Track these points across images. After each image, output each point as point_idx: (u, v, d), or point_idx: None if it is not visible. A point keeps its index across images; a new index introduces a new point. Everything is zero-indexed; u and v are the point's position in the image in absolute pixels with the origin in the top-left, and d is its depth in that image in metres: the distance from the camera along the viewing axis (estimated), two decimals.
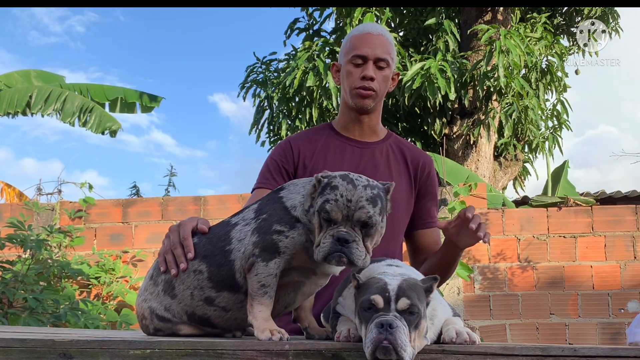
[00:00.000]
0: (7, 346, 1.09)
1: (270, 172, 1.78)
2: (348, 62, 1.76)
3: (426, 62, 6.27)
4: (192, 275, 1.32)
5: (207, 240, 1.34)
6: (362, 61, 1.74)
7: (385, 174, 1.75)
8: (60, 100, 7.98)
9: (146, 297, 1.39)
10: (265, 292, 1.23)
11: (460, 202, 4.17)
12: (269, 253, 1.23)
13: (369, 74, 1.72)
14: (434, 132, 7.05)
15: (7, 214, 4.49)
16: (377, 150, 1.80)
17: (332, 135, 1.83)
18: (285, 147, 1.81)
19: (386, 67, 1.76)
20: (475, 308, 4.21)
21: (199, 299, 1.31)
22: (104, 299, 4.28)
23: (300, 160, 1.78)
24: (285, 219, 1.24)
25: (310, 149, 1.79)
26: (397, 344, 0.98)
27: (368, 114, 1.80)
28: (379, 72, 1.75)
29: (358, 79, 1.74)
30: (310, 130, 1.91)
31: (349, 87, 1.77)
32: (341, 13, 6.74)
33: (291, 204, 1.26)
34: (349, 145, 1.80)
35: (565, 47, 7.51)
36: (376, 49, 1.74)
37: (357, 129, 1.82)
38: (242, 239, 1.28)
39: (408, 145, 1.87)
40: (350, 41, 1.78)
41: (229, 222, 1.35)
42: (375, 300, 1.05)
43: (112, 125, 8.20)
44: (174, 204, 4.50)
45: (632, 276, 4.18)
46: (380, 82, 1.76)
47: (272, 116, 7.69)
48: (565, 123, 7.84)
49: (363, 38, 1.76)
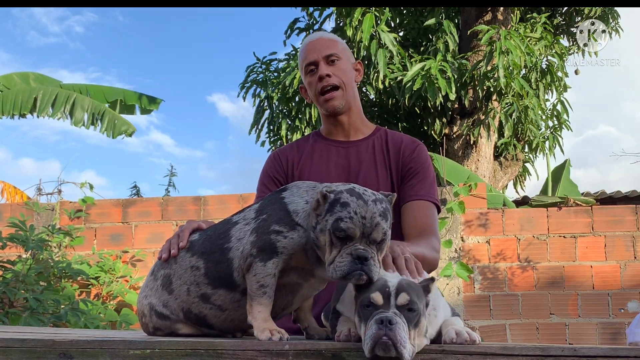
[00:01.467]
0: (7, 346, 1.09)
1: (265, 185, 1.83)
2: (305, 75, 1.82)
3: (426, 62, 6.27)
4: (189, 271, 1.33)
5: (207, 237, 1.36)
6: (314, 66, 1.79)
7: (371, 167, 1.76)
8: (69, 103, 7.96)
9: (147, 294, 1.40)
10: (264, 292, 1.23)
11: (460, 202, 4.17)
12: (267, 253, 1.23)
13: (323, 73, 1.76)
14: (434, 132, 7.05)
15: (8, 214, 4.49)
16: (362, 147, 1.81)
17: (318, 141, 1.87)
18: (274, 159, 1.87)
19: (337, 59, 1.78)
20: (475, 308, 4.21)
21: (195, 295, 1.32)
22: (104, 298, 4.28)
23: (289, 168, 1.83)
24: (285, 220, 1.24)
25: (297, 156, 1.84)
26: (397, 340, 0.98)
27: (344, 113, 1.82)
28: (332, 66, 1.77)
29: (317, 83, 1.78)
30: (298, 140, 1.95)
31: (314, 96, 1.82)
32: (341, 13, 6.74)
33: (293, 208, 1.24)
34: (334, 147, 1.83)
35: (565, 47, 7.52)
36: (320, 49, 1.78)
37: (340, 131, 1.85)
38: (241, 237, 1.28)
39: (394, 134, 1.86)
40: (300, 55, 1.85)
41: (230, 220, 1.36)
42: (375, 298, 1.05)
43: (128, 129, 8.21)
44: (174, 204, 4.50)
45: (632, 276, 4.18)
46: (340, 75, 1.78)
47: (272, 116, 7.68)
48: (566, 123, 7.84)
49: (306, 48, 1.83)
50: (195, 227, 1.43)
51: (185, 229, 1.43)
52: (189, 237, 1.40)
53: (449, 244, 4.18)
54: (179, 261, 1.36)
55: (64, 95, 8.02)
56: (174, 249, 1.37)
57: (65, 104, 7.93)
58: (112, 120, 8.11)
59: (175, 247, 1.37)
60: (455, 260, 4.20)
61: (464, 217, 4.29)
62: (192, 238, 1.39)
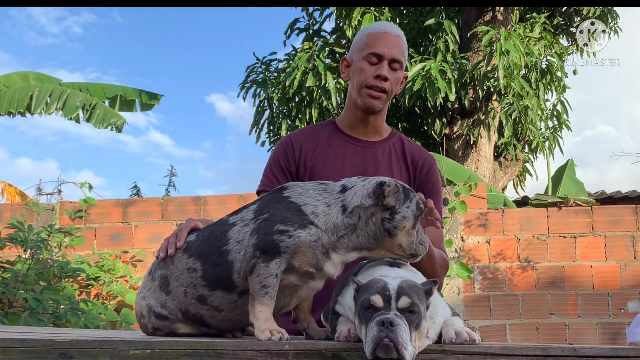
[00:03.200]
0: (7, 346, 1.09)
1: (274, 174, 1.76)
2: (362, 59, 1.72)
3: (426, 63, 6.27)
4: (185, 272, 1.33)
5: (204, 239, 1.35)
6: (378, 60, 1.70)
7: (387, 173, 1.73)
8: (62, 99, 7.95)
9: (144, 294, 1.40)
10: (266, 293, 1.23)
11: (461, 202, 4.17)
12: (269, 254, 1.23)
13: (384, 74, 1.69)
14: (434, 132, 7.05)
15: (7, 214, 4.49)
16: (379, 150, 1.78)
17: (335, 133, 1.79)
18: (286, 145, 1.77)
19: (399, 68, 1.73)
20: (475, 308, 4.21)
21: (192, 297, 1.32)
22: (104, 298, 4.28)
23: (301, 159, 1.75)
24: (293, 219, 1.23)
25: (312, 146, 1.76)
26: (398, 341, 0.98)
27: (375, 114, 1.77)
28: (393, 73, 1.71)
29: (371, 77, 1.70)
30: (313, 126, 1.87)
31: (359, 84, 1.72)
32: (341, 13, 6.74)
33: (312, 210, 1.24)
34: (351, 144, 1.77)
35: (564, 47, 7.52)
36: (393, 49, 1.70)
37: (361, 128, 1.79)
38: (240, 240, 1.28)
39: (410, 144, 1.84)
40: (367, 37, 1.73)
41: (226, 221, 1.35)
42: (375, 300, 1.05)
43: (117, 121, 8.11)
44: (174, 204, 4.50)
45: (632, 276, 4.17)
46: (393, 84, 1.73)
47: (272, 116, 7.69)
48: (566, 123, 7.84)
49: (381, 37, 1.71)
50: (192, 226, 1.43)
51: (184, 228, 1.42)
52: (186, 237, 1.39)
53: (449, 244, 4.18)
54: (175, 262, 1.35)
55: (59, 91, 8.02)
56: (171, 249, 1.37)
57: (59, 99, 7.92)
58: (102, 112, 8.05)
59: (172, 247, 1.37)
60: (455, 260, 4.20)
61: (464, 217, 4.29)
62: (189, 238, 1.38)
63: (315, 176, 1.71)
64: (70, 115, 7.94)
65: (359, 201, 1.22)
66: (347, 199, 1.24)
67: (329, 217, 1.23)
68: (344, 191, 1.26)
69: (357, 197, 1.23)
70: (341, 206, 1.24)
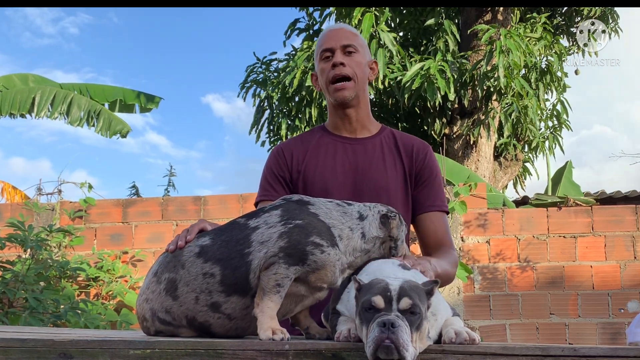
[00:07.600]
0: (7, 346, 1.09)
1: (270, 183, 1.78)
2: (319, 62, 1.79)
3: (425, 62, 6.27)
4: (200, 278, 1.30)
5: (222, 243, 1.32)
6: (330, 53, 1.76)
7: (380, 168, 1.73)
8: (66, 103, 7.96)
9: (148, 297, 1.36)
10: (278, 292, 1.24)
11: (460, 202, 4.17)
12: (294, 259, 1.24)
13: (338, 60, 1.73)
14: (434, 132, 7.05)
15: (7, 214, 4.49)
16: (369, 145, 1.78)
17: (324, 136, 1.82)
18: (277, 154, 1.81)
19: (355, 52, 1.76)
20: (475, 308, 4.21)
21: (204, 304, 1.30)
22: (104, 298, 4.28)
23: (293, 164, 1.77)
24: (327, 236, 1.29)
25: (302, 151, 1.79)
26: (399, 343, 0.98)
27: (353, 107, 1.78)
28: (349, 57, 1.75)
29: (330, 70, 1.74)
30: (303, 134, 1.90)
31: (325, 84, 1.77)
32: (341, 13, 6.74)
33: (338, 233, 1.32)
34: (340, 143, 1.78)
35: (564, 47, 7.52)
36: (341, 39, 1.76)
37: (346, 126, 1.80)
38: (264, 241, 1.28)
39: (402, 136, 1.84)
40: (317, 43, 1.83)
41: (246, 225, 1.33)
42: (376, 301, 1.05)
43: (123, 129, 8.22)
44: (174, 204, 4.50)
45: (632, 276, 4.18)
46: (354, 67, 1.74)
47: (272, 116, 7.69)
48: (565, 123, 7.84)
49: (327, 35, 1.80)
50: (202, 227, 1.42)
51: (195, 225, 1.42)
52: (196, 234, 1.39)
53: None
54: (187, 267, 1.32)
55: (62, 94, 8.03)
56: (182, 241, 1.37)
57: (63, 103, 7.93)
58: (107, 120, 8.10)
59: (182, 240, 1.37)
60: None
61: (463, 217, 4.29)
62: (203, 242, 1.35)
63: (309, 178, 1.73)
64: (75, 124, 8.00)
65: (375, 232, 1.37)
66: (365, 228, 1.36)
67: (350, 241, 1.33)
68: (361, 219, 1.37)
69: (374, 228, 1.37)
70: (361, 233, 1.35)
